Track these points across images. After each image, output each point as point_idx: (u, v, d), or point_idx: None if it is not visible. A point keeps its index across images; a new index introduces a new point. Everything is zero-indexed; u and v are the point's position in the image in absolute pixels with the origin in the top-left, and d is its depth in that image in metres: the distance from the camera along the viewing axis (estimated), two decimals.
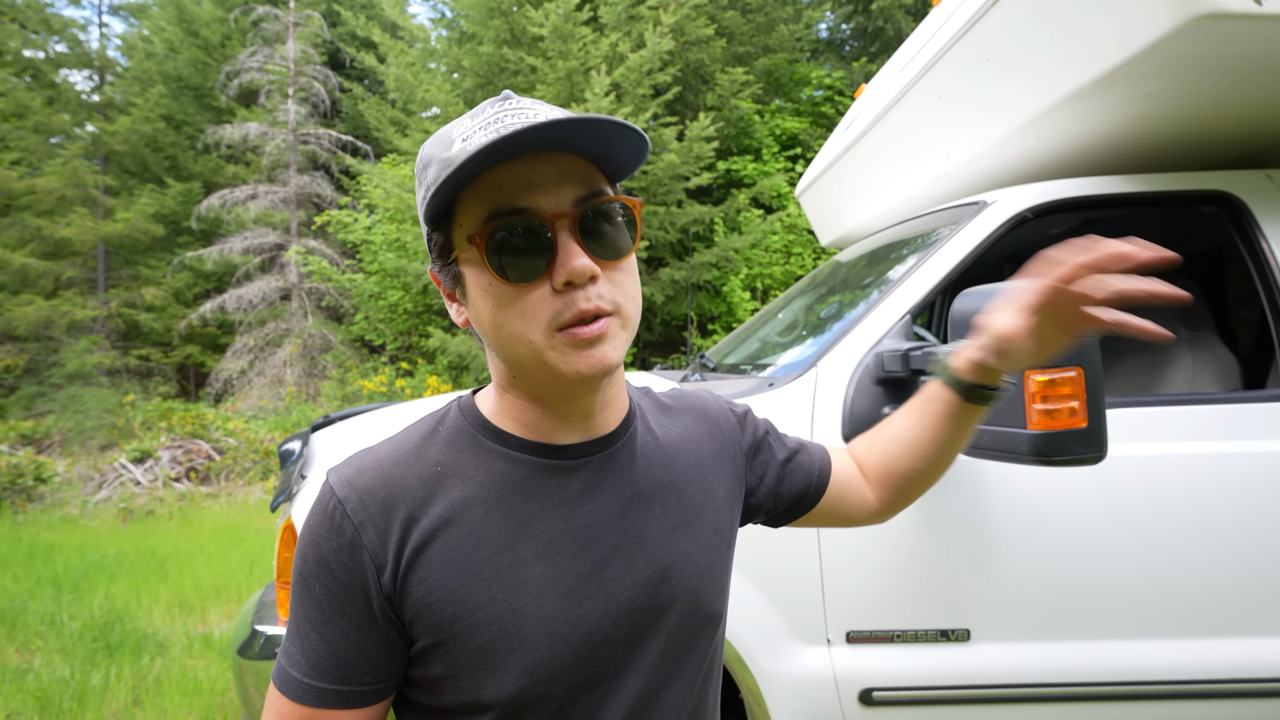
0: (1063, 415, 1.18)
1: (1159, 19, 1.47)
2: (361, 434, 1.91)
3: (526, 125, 0.60)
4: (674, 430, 0.84)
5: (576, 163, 0.68)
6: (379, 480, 0.69)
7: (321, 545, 0.68)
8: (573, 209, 0.65)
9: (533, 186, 0.65)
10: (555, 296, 0.65)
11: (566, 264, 0.63)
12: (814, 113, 10.30)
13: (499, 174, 0.65)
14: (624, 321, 0.68)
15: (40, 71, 14.34)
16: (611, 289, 0.67)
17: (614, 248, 0.68)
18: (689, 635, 0.76)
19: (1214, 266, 3.21)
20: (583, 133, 0.64)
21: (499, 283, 0.65)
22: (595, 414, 0.74)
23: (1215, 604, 1.58)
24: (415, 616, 0.67)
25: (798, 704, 1.54)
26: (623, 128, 0.64)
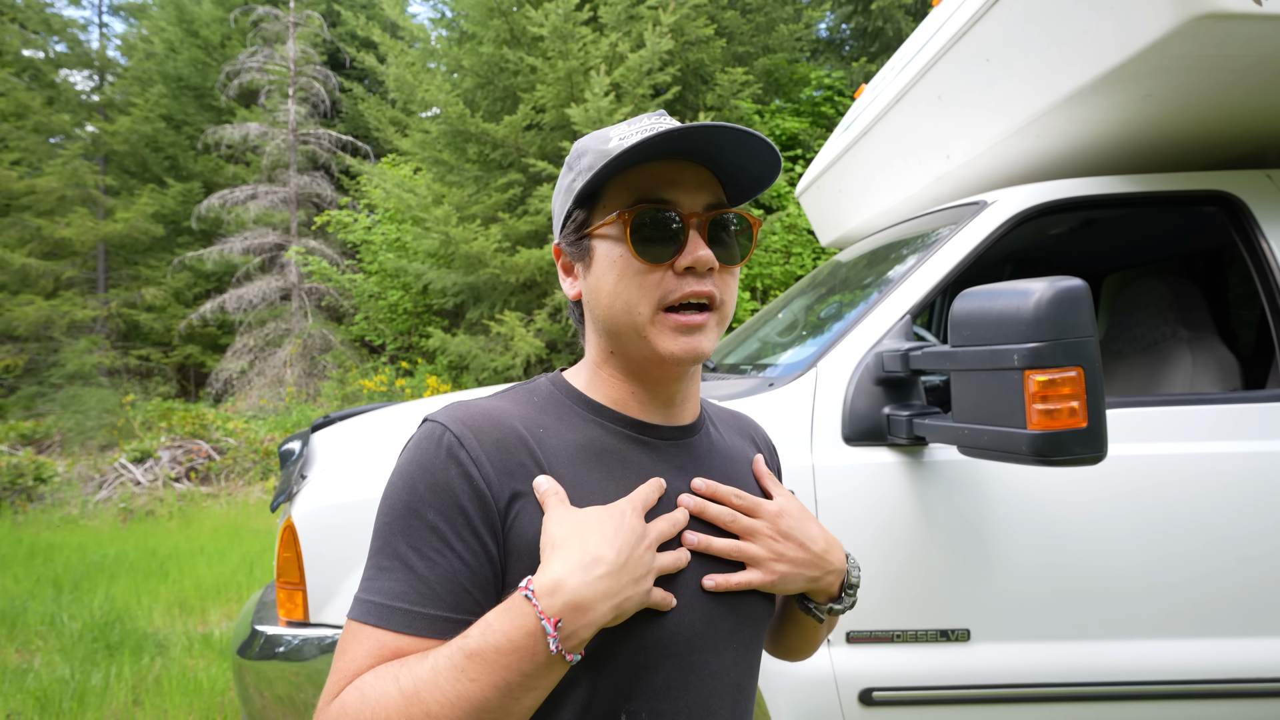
0: (1063, 415, 1.18)
1: (1159, 19, 1.47)
2: (361, 434, 1.91)
3: (687, 126, 0.70)
4: (736, 439, 0.93)
5: (710, 178, 0.79)
6: (491, 425, 0.73)
7: (437, 474, 0.70)
8: (704, 212, 0.76)
9: (675, 185, 0.76)
10: (673, 278, 0.74)
11: (694, 252, 0.74)
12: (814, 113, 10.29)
13: (649, 170, 0.75)
14: (721, 318, 0.78)
15: (40, 71, 14.34)
16: (721, 286, 0.77)
17: (730, 253, 0.78)
18: (753, 622, 0.81)
19: (1214, 266, 3.21)
20: (728, 145, 0.74)
21: (631, 256, 0.74)
22: (677, 403, 0.83)
23: (1215, 604, 1.58)
24: (519, 555, 0.70)
25: (798, 704, 1.54)
26: (765, 145, 0.74)
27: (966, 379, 1.33)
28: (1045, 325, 1.17)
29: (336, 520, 1.61)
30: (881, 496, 1.56)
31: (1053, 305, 1.17)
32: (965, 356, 1.31)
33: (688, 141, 0.73)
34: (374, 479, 1.59)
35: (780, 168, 0.78)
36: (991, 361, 1.25)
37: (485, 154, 8.67)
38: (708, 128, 0.70)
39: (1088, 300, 1.18)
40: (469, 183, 8.96)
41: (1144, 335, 2.45)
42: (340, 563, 1.57)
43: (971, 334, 1.29)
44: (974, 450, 1.34)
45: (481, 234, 8.08)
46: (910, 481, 1.57)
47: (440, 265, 9.00)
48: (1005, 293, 1.23)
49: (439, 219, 7.99)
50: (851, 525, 1.55)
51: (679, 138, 0.71)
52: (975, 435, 1.31)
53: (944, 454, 1.58)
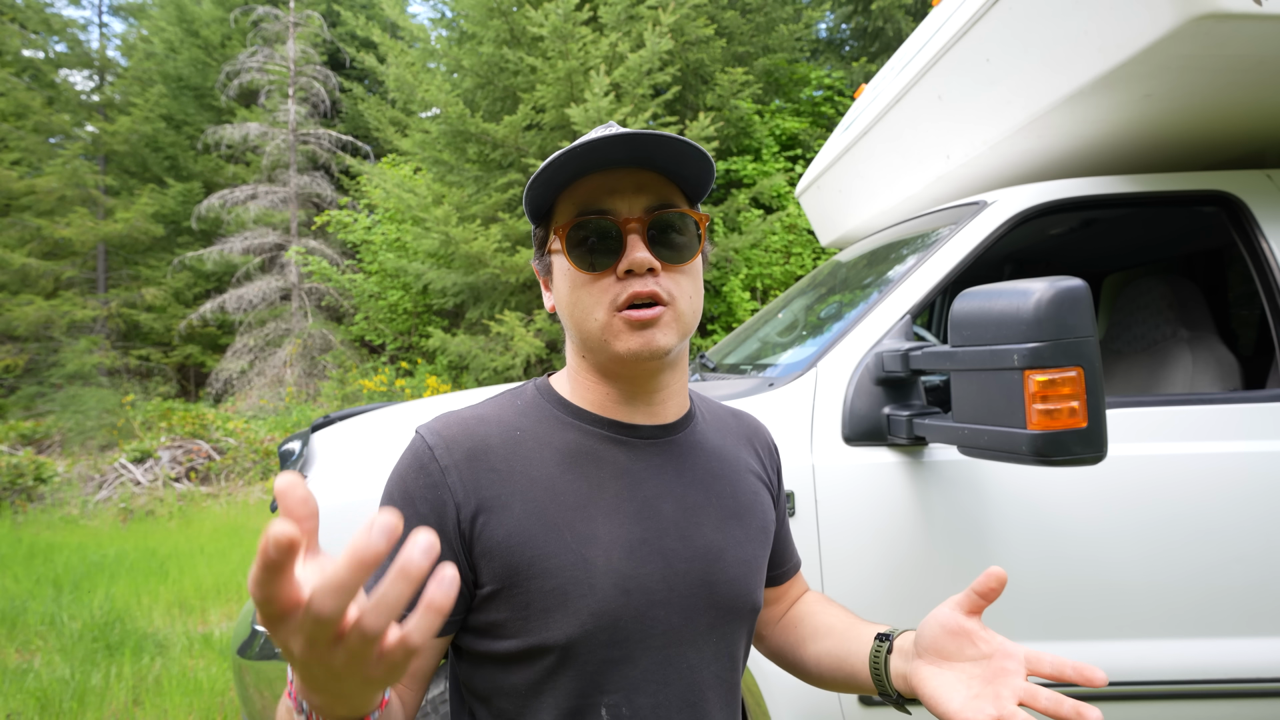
0: (1063, 415, 1.18)
1: (1160, 19, 1.47)
2: (361, 434, 1.91)
3: (595, 138, 0.72)
4: (730, 439, 0.93)
5: (655, 179, 0.79)
6: (464, 433, 0.78)
7: (407, 483, 0.76)
8: (643, 215, 0.77)
9: (613, 193, 0.77)
10: (619, 283, 0.76)
11: (629, 256, 0.75)
12: (814, 113, 10.28)
13: (589, 183, 0.78)
14: (677, 315, 0.78)
15: (40, 71, 14.33)
16: (669, 284, 0.77)
17: (677, 252, 0.79)
18: (735, 618, 0.82)
19: (1214, 266, 3.21)
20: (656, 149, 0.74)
21: (575, 269, 0.77)
22: (656, 401, 0.83)
23: (1215, 604, 1.58)
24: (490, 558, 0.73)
25: (798, 704, 1.54)
26: (687, 146, 0.74)
27: (966, 379, 1.33)
28: (1045, 325, 1.17)
29: (337, 520, 1.61)
30: (881, 496, 1.56)
31: (1053, 305, 1.17)
32: (965, 356, 1.31)
33: (610, 151, 0.74)
34: (374, 479, 1.59)
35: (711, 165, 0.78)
36: (991, 361, 1.25)
37: (485, 154, 8.67)
38: (617, 137, 0.72)
39: (1088, 300, 1.18)
40: (469, 183, 8.96)
41: (1144, 335, 2.45)
42: None
43: (971, 334, 1.29)
44: (974, 450, 1.34)
45: (481, 234, 8.08)
46: (910, 481, 1.57)
47: (440, 265, 9.00)
48: (1005, 293, 1.23)
49: (439, 219, 7.99)
50: (851, 525, 1.55)
51: (590, 149, 0.73)
52: (975, 435, 1.31)
53: (944, 454, 1.58)
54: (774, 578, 0.99)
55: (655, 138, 0.73)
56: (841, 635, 0.90)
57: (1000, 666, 0.74)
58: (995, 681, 0.73)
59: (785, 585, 1.01)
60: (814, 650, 0.93)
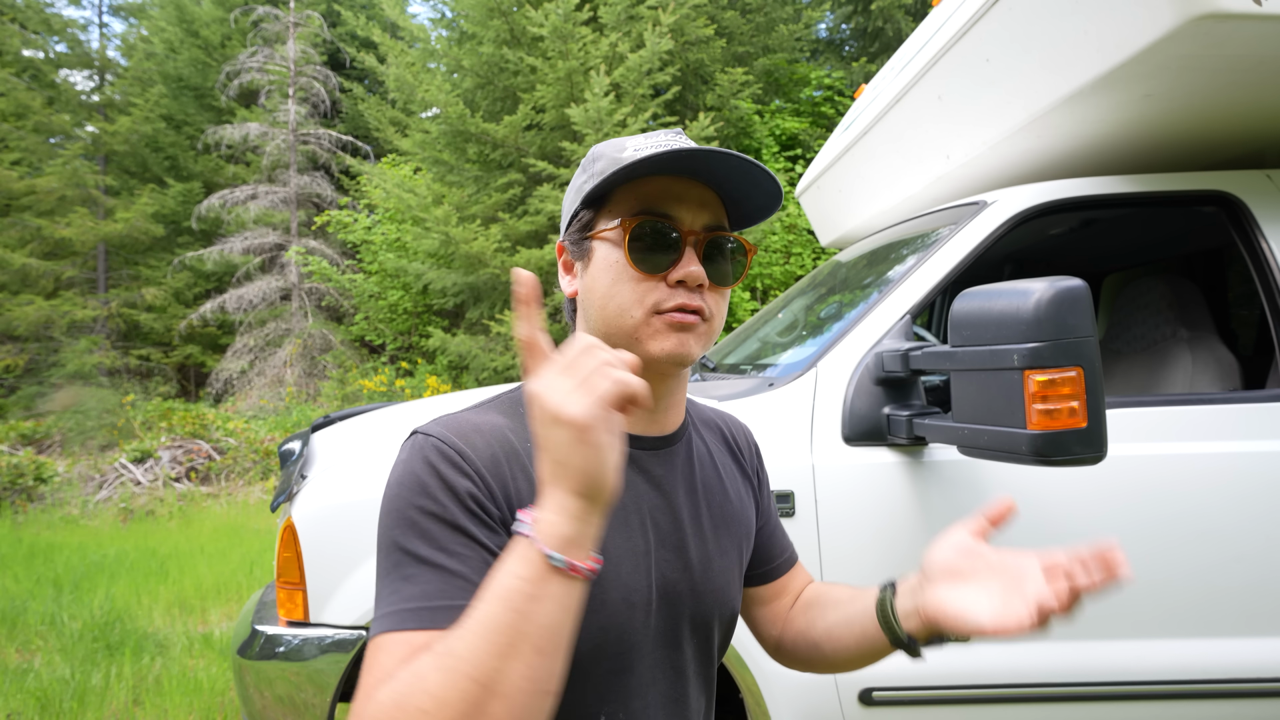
0: (1063, 415, 1.18)
1: (1159, 19, 1.47)
2: (361, 434, 1.91)
3: (696, 148, 0.72)
4: (716, 444, 0.95)
5: (714, 199, 0.81)
6: (484, 441, 0.73)
7: (448, 478, 0.68)
8: (703, 232, 0.79)
9: (679, 201, 0.78)
10: (665, 289, 0.77)
11: (687, 267, 0.76)
12: (814, 113, 10.28)
13: (657, 183, 0.78)
14: (709, 330, 0.80)
15: (40, 71, 14.32)
16: (711, 302, 0.79)
17: (721, 274, 0.81)
18: (716, 623, 0.85)
19: (1214, 266, 3.21)
20: (735, 171, 0.76)
21: (627, 263, 0.76)
22: (659, 412, 0.83)
23: (1215, 604, 1.58)
24: None
25: (798, 704, 1.54)
26: (769, 178, 0.78)
27: (966, 379, 1.33)
28: (1045, 325, 1.17)
29: (337, 520, 1.61)
30: (881, 496, 1.56)
31: (1053, 305, 1.17)
32: (965, 356, 1.31)
33: (697, 162, 0.75)
34: (374, 479, 1.59)
35: (780, 202, 0.82)
36: (991, 361, 1.25)
37: (485, 154, 8.67)
38: (718, 153, 0.73)
39: (1088, 300, 1.18)
40: (469, 183, 8.96)
41: (1144, 335, 2.45)
42: (340, 563, 1.58)
43: (971, 334, 1.29)
44: (974, 450, 1.34)
45: (481, 234, 8.08)
46: (910, 481, 1.57)
47: (440, 265, 9.00)
48: (1005, 293, 1.23)
49: (439, 219, 7.99)
50: (851, 525, 1.55)
51: (688, 157, 0.74)
52: (975, 435, 1.31)
53: (944, 454, 1.58)
54: (770, 571, 0.99)
55: (749, 165, 0.75)
56: (849, 600, 0.89)
57: (1018, 573, 0.72)
58: (1018, 587, 0.71)
59: (785, 578, 1.00)
60: (824, 625, 0.91)
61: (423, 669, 0.56)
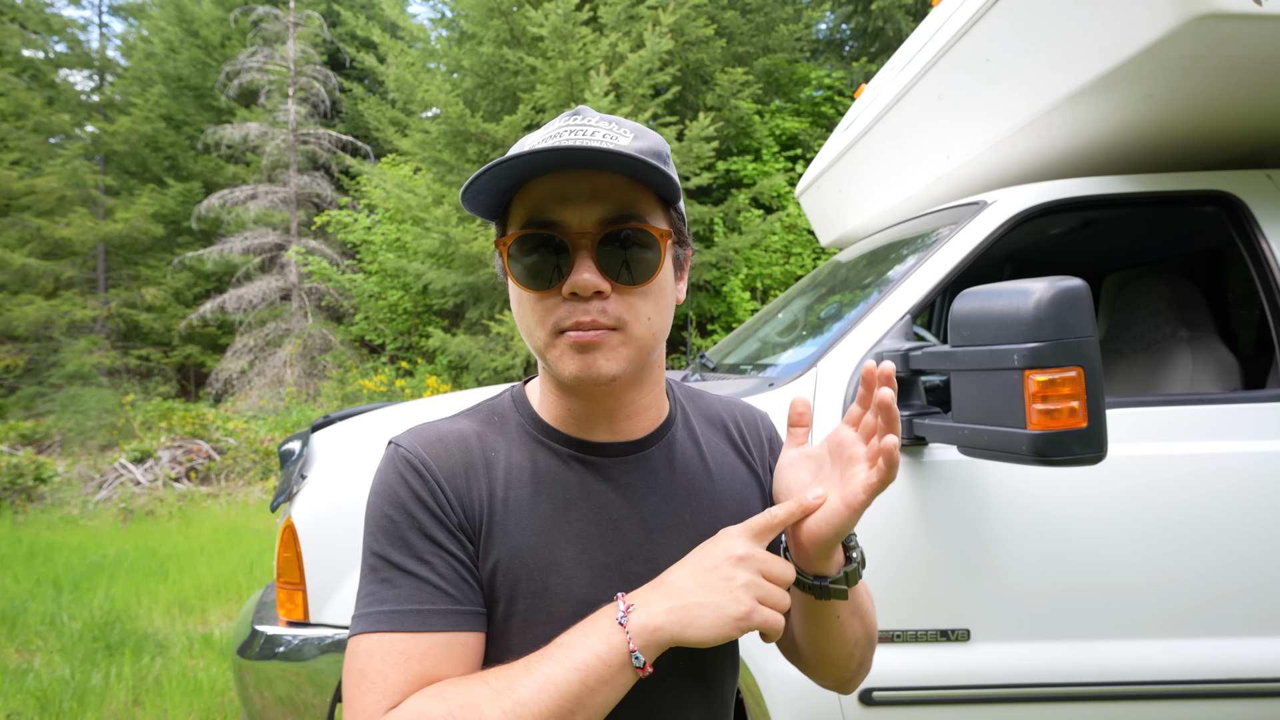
0: (1063, 415, 1.18)
1: (1159, 19, 1.47)
2: (361, 434, 1.91)
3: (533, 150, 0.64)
4: (714, 440, 0.88)
5: (617, 182, 0.70)
6: (448, 451, 0.76)
7: (416, 488, 0.72)
8: (595, 228, 0.69)
9: (565, 200, 0.69)
10: (562, 303, 0.70)
11: (572, 278, 0.68)
12: (814, 113, 10.28)
13: (542, 184, 0.70)
14: (628, 338, 0.71)
15: (40, 71, 14.33)
16: (621, 308, 0.70)
17: (632, 271, 0.70)
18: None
19: (1214, 266, 3.21)
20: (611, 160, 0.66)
21: (518, 286, 0.72)
22: (620, 419, 0.79)
23: (1215, 604, 1.57)
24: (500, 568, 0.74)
25: (798, 704, 1.54)
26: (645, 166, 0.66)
27: (966, 379, 1.33)
28: (1045, 325, 1.17)
29: (336, 520, 1.61)
30: (881, 496, 1.56)
31: (1053, 305, 1.17)
32: (965, 356, 1.31)
33: (551, 159, 0.66)
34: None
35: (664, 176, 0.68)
36: (991, 361, 1.25)
37: (485, 154, 8.67)
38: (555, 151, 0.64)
39: (1088, 300, 1.18)
40: None
41: (1144, 335, 2.45)
42: (340, 563, 1.57)
43: (971, 334, 1.29)
44: (974, 450, 1.34)
45: (481, 234, 8.08)
46: (910, 481, 1.57)
47: (440, 265, 9.00)
48: (1005, 293, 1.23)
49: (439, 219, 7.99)
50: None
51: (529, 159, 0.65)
52: (975, 435, 1.31)
53: (944, 454, 1.57)
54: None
55: (598, 153, 0.64)
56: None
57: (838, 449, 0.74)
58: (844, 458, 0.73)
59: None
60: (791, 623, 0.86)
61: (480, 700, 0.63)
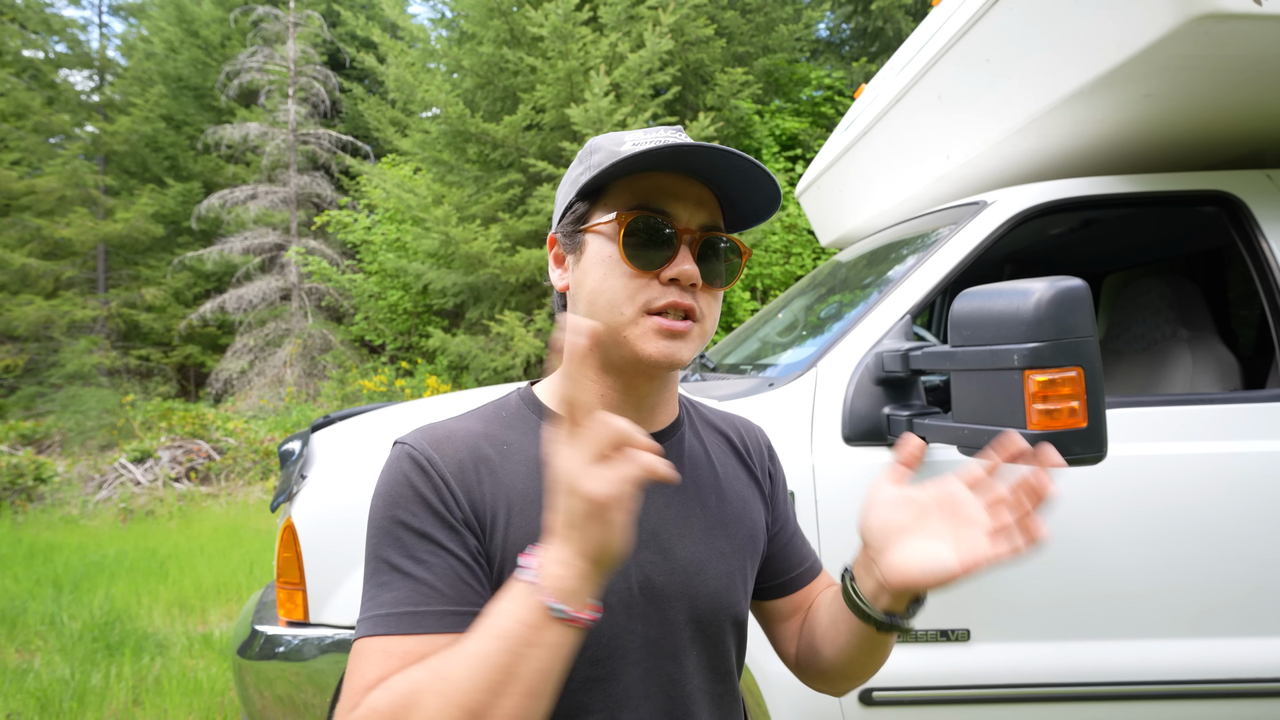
0: (1063, 415, 1.18)
1: (1159, 19, 1.47)
2: (361, 434, 1.91)
3: (696, 144, 0.72)
4: (720, 445, 0.92)
5: (711, 199, 0.80)
6: (455, 447, 0.76)
7: (418, 485, 0.73)
8: (699, 231, 0.78)
9: (676, 198, 0.77)
10: (658, 286, 0.75)
11: (682, 266, 0.75)
12: (814, 113, 10.28)
13: (655, 179, 0.77)
14: (701, 333, 0.78)
15: (40, 71, 14.32)
16: (704, 303, 0.78)
17: (715, 274, 0.79)
18: (717, 630, 0.81)
19: (1214, 266, 3.21)
20: (735, 170, 0.75)
21: (621, 258, 0.75)
22: (646, 408, 0.82)
23: (1215, 604, 1.58)
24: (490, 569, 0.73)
25: (798, 704, 1.54)
26: (769, 180, 0.77)
27: (966, 379, 1.33)
28: (1045, 325, 1.17)
29: (336, 520, 1.61)
30: None
31: (1053, 305, 1.17)
32: (965, 356, 1.31)
33: (696, 159, 0.74)
34: (373, 479, 1.59)
35: (779, 205, 0.80)
36: (991, 361, 1.25)
37: (485, 154, 8.67)
38: (719, 151, 0.72)
39: (1088, 300, 1.18)
40: (469, 183, 8.96)
41: (1144, 335, 2.45)
42: (340, 563, 1.57)
43: (971, 334, 1.29)
44: (974, 450, 1.34)
45: (481, 234, 8.08)
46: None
47: (440, 265, 9.00)
48: (1005, 293, 1.23)
49: (439, 219, 7.99)
50: (852, 525, 1.55)
51: (688, 153, 0.73)
52: (975, 435, 1.31)
53: (944, 454, 1.58)
54: (789, 582, 0.94)
55: (750, 165, 0.74)
56: (828, 604, 0.86)
57: (954, 506, 0.73)
58: (959, 517, 0.72)
59: (806, 590, 0.95)
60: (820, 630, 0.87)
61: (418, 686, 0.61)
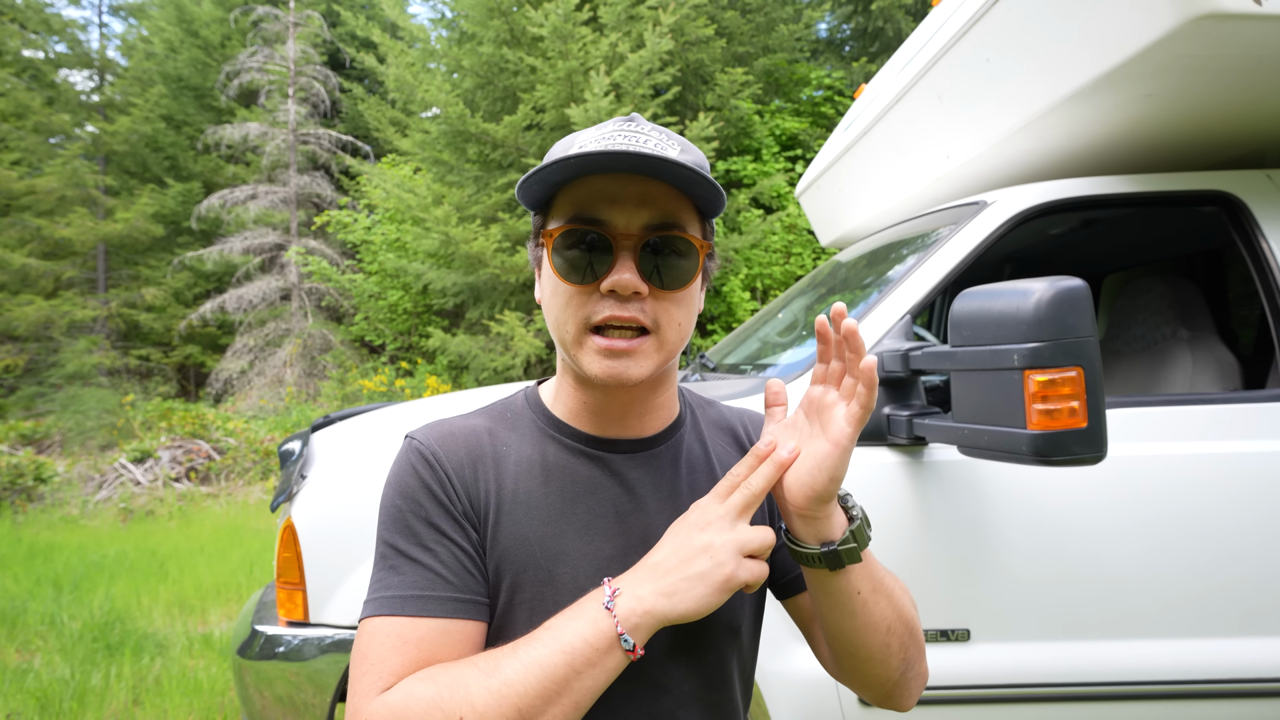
0: (1063, 415, 1.18)
1: (1159, 19, 1.47)
2: (361, 434, 1.91)
3: (598, 151, 0.68)
4: (722, 445, 0.90)
5: (663, 191, 0.73)
6: (458, 444, 0.79)
7: (425, 478, 0.76)
8: (640, 232, 0.73)
9: (614, 202, 0.73)
10: (599, 299, 0.73)
11: (614, 276, 0.72)
12: (814, 113, 10.28)
13: (595, 182, 0.73)
14: (660, 343, 0.75)
15: (40, 71, 14.32)
16: (656, 311, 0.74)
17: (669, 277, 0.74)
18: (708, 637, 0.80)
19: (1214, 266, 3.21)
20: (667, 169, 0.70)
21: (556, 276, 0.74)
22: (633, 415, 0.82)
23: (1215, 604, 1.58)
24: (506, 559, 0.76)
25: (798, 704, 1.54)
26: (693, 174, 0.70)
27: (966, 379, 1.33)
28: (1045, 325, 1.17)
29: (336, 520, 1.61)
30: (881, 496, 1.56)
31: (1053, 305, 1.17)
32: (965, 356, 1.31)
33: (613, 162, 0.70)
34: (373, 479, 1.59)
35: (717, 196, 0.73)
36: (991, 361, 1.25)
37: (485, 154, 8.67)
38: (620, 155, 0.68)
39: (1088, 300, 1.18)
40: (469, 183, 8.96)
41: (1144, 335, 2.45)
42: (340, 563, 1.57)
43: (971, 334, 1.29)
44: (974, 450, 1.34)
45: (481, 234, 8.08)
46: (910, 481, 1.57)
47: (440, 265, 8.99)
48: (1005, 293, 1.23)
49: (439, 219, 7.99)
50: None
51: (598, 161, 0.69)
52: (975, 435, 1.31)
53: (944, 454, 1.57)
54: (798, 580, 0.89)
55: (658, 162, 0.68)
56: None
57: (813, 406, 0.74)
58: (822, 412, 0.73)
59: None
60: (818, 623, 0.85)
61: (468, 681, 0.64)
